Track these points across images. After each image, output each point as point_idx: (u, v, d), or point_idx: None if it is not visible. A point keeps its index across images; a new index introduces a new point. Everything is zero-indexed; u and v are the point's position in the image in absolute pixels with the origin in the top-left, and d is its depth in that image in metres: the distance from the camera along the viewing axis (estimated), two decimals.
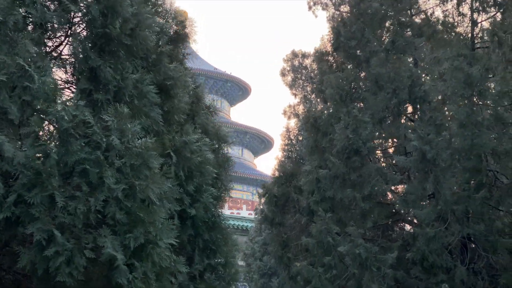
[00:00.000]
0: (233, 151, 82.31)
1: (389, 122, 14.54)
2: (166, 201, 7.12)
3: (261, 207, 22.77)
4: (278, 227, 15.95)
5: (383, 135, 14.63)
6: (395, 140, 15.58)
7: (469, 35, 15.64)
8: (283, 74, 30.90)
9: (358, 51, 16.00)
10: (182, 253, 9.23)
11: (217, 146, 9.64)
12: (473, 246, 13.31)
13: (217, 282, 9.08)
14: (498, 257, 13.03)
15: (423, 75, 15.87)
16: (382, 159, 14.90)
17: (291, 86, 30.32)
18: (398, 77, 14.01)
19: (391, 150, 15.49)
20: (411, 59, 16.03)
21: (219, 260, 9.14)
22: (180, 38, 9.55)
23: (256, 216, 30.86)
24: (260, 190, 16.69)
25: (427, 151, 12.83)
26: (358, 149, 13.71)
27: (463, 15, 16.35)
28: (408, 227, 15.37)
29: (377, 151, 15.03)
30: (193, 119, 9.48)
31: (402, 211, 14.17)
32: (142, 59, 7.84)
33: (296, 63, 30.81)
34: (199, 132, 8.92)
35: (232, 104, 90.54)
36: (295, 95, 30.38)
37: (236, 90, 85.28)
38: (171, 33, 9.51)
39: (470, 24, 15.74)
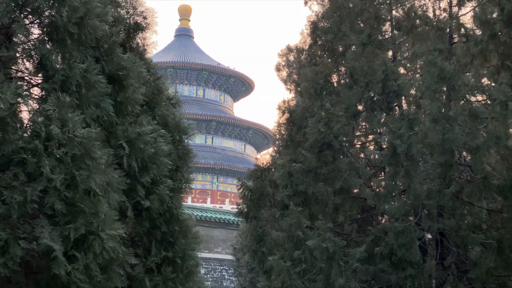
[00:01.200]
0: (236, 146, 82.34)
1: (363, 116, 14.47)
2: (113, 192, 7.03)
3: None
4: (253, 221, 15.89)
5: (357, 129, 14.54)
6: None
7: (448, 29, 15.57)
8: (278, 69, 30.86)
9: (336, 45, 15.96)
10: (139, 245, 9.19)
11: (178, 138, 9.54)
12: (445, 241, 13.24)
13: (174, 275, 9.00)
14: (469, 252, 12.96)
15: (402, 70, 15.83)
16: (357, 154, 14.79)
17: (286, 81, 30.23)
18: (371, 71, 13.93)
19: (371, 146, 15.43)
20: (390, 53, 15.99)
21: (177, 253, 9.05)
22: (140, 28, 9.46)
23: None
24: None
25: (397, 146, 12.76)
26: (330, 143, 13.64)
27: (443, 9, 16.27)
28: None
29: (355, 146, 14.95)
30: (153, 111, 9.39)
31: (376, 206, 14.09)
32: (94, 48, 7.75)
33: (291, 58, 30.72)
34: (155, 123, 8.82)
35: (236, 99, 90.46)
36: (290, 90, 30.31)
37: (240, 85, 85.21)
38: (132, 24, 9.42)
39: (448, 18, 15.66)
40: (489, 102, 13.66)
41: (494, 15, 9.10)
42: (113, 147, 8.00)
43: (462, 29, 10.17)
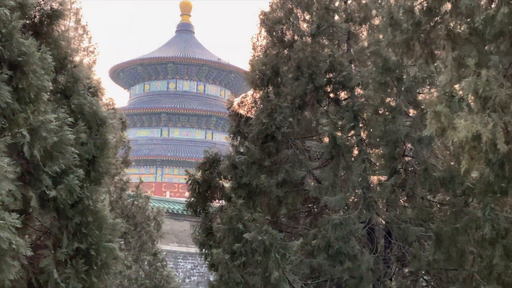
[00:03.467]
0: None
1: (308, 108, 14.29)
2: (3, 180, 6.82)
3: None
4: (201, 214, 15.69)
5: (302, 121, 14.35)
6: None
7: None
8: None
9: (287, 36, 15.76)
10: (49, 236, 8.98)
11: (96, 127, 9.31)
12: (386, 234, 13.11)
13: (87, 267, 8.79)
14: (410, 245, 12.82)
15: (353, 61, 15.64)
16: (302, 146, 14.60)
17: None
18: (315, 62, 13.75)
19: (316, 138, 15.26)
20: (345, 45, 15.81)
21: (91, 244, 8.84)
22: (56, 15, 9.22)
23: None
24: None
25: (338, 137, 12.61)
26: (273, 135, 13.47)
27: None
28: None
29: (300, 137, 14.77)
30: (68, 99, 9.17)
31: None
32: None
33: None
34: (68, 112, 8.61)
35: (236, 94, 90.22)
36: None
37: (240, 80, 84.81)
38: (47, 10, 9.19)
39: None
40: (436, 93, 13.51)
41: (416, 3, 8.96)
42: (14, 136, 7.79)
43: (391, 18, 9.98)
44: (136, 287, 24.75)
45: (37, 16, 9.15)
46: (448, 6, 8.44)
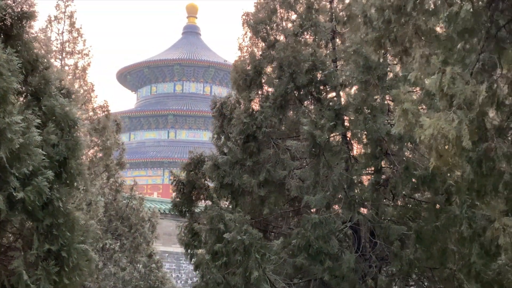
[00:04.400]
0: None
1: (290, 107, 14.28)
2: None
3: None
4: (187, 215, 15.69)
5: (284, 120, 14.34)
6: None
7: None
8: None
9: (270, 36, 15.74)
10: (19, 238, 8.99)
11: (67, 129, 9.31)
12: (368, 233, 13.08)
13: (59, 268, 8.80)
14: (392, 244, 12.79)
15: (338, 60, 15.61)
16: (284, 146, 14.58)
17: None
18: (295, 61, 13.74)
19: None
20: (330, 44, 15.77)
21: (63, 246, 8.85)
22: (25, 17, 9.23)
23: None
24: None
25: (317, 136, 12.58)
26: (254, 134, 13.46)
27: None
28: None
29: (282, 137, 14.75)
30: (39, 101, 9.18)
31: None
32: None
33: None
34: (29, 113, 8.57)
35: None
36: None
37: None
38: (18, 12, 9.20)
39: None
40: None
41: (386, 1, 8.94)
42: None
43: (364, 17, 9.98)
44: None
45: (8, 19, 9.16)
46: (414, 3, 8.42)
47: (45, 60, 9.48)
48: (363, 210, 12.86)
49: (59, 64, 26.03)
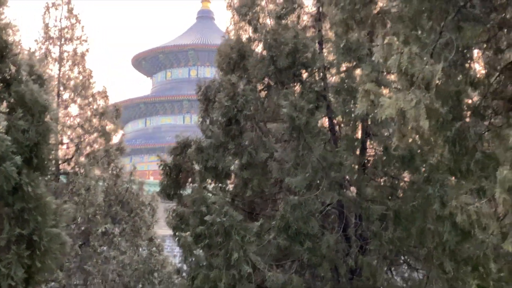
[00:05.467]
0: None
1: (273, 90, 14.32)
2: None
3: None
4: (174, 198, 15.81)
5: (266, 103, 14.39)
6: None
7: None
8: None
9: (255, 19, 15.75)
10: None
11: (37, 114, 9.43)
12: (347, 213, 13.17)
13: (29, 252, 8.96)
14: (371, 224, 12.87)
15: (324, 42, 15.60)
16: (266, 128, 14.65)
17: None
18: (276, 44, 13.76)
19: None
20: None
21: (34, 230, 9.00)
22: None
23: None
24: None
25: (296, 118, 12.62)
26: (235, 118, 13.53)
27: None
28: None
29: (264, 120, 14.81)
30: (9, 88, 9.30)
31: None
32: None
33: None
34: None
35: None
36: None
37: None
38: None
39: None
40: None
41: None
42: None
43: None
44: (130, 271, 24.98)
45: None
46: None
47: (16, 47, 9.57)
48: (351, 192, 12.94)
49: (57, 51, 26.13)
